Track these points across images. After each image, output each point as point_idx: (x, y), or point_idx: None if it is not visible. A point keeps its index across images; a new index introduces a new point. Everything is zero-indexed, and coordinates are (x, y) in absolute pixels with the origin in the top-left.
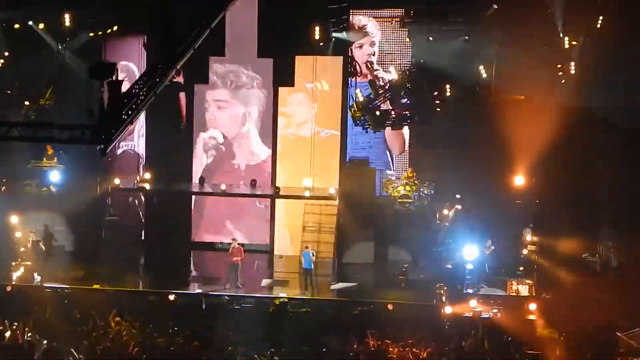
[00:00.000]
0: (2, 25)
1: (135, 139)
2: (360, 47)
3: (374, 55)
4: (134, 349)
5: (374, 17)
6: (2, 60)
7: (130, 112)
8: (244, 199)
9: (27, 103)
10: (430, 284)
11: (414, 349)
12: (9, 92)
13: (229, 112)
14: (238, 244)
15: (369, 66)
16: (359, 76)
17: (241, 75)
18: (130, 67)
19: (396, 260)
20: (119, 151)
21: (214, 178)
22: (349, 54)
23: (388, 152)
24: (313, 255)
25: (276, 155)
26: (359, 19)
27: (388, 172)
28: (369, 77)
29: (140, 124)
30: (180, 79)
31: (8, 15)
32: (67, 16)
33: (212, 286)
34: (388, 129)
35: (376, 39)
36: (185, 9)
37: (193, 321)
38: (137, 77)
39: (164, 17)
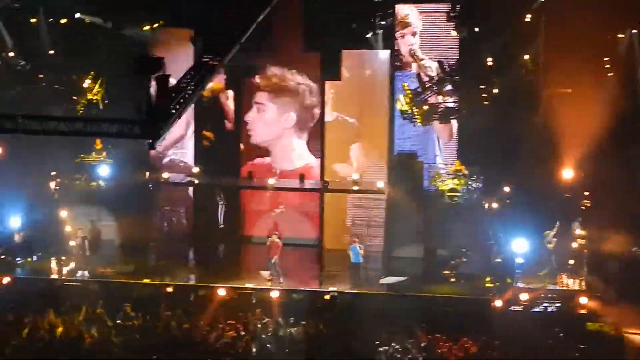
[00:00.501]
0: (50, 19)
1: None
2: (402, 36)
3: (415, 45)
4: (183, 343)
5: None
6: (51, 52)
7: (178, 107)
8: (292, 194)
9: (75, 98)
10: (480, 278)
11: (464, 344)
12: (57, 87)
13: (267, 115)
14: (278, 239)
15: (414, 56)
16: (405, 69)
17: (286, 79)
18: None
19: (445, 254)
20: (166, 160)
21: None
22: (395, 47)
23: (437, 140)
24: (361, 249)
25: (324, 150)
26: (401, 7)
27: (436, 164)
28: (415, 67)
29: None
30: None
31: (56, 10)
32: (114, 11)
33: (257, 280)
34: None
35: (417, 29)
36: (232, 4)
37: (242, 315)
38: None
39: (210, 12)
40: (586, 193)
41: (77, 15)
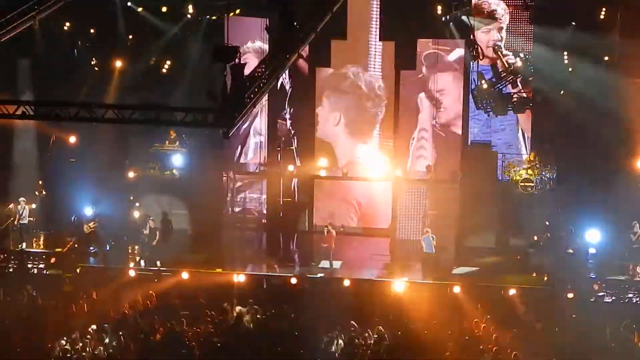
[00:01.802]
0: (125, 10)
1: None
2: (488, 32)
3: (501, 41)
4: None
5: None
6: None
7: (252, 96)
8: (365, 183)
9: (150, 87)
10: (553, 269)
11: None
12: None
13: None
14: (332, 229)
15: (497, 51)
16: (481, 59)
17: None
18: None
19: (518, 244)
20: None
21: None
22: (472, 37)
23: (521, 134)
24: (433, 240)
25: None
26: (488, 2)
27: (518, 155)
28: (497, 61)
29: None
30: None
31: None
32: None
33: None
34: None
35: (504, 24)
36: None
37: (314, 304)
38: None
39: (284, 1)
40: None
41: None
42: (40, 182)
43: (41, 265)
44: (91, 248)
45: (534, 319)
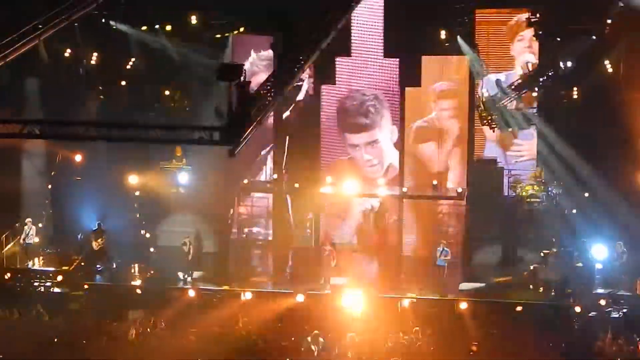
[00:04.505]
0: (131, 28)
1: None
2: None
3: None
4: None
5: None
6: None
7: (258, 113)
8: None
9: (156, 105)
10: (560, 284)
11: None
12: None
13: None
14: (331, 246)
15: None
16: (485, 75)
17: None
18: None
19: (524, 259)
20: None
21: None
22: (476, 53)
23: None
24: (447, 254)
25: (404, 156)
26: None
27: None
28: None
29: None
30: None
31: (136, 19)
32: (193, 19)
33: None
34: None
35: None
36: (311, 10)
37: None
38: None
39: (289, 18)
40: None
41: (157, 26)
42: (46, 201)
43: (48, 283)
44: (98, 266)
45: (540, 333)
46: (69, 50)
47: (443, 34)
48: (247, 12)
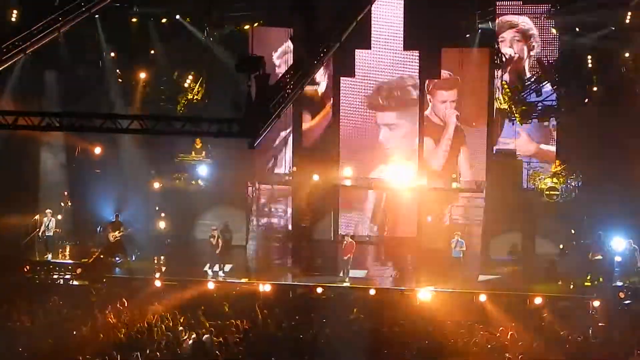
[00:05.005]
0: (151, 20)
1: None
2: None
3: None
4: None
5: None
6: (152, 52)
7: (277, 106)
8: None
9: (176, 98)
10: (579, 277)
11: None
12: (162, 87)
13: (399, 133)
14: (351, 239)
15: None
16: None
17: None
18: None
19: (544, 252)
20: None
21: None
22: (496, 46)
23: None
24: (462, 245)
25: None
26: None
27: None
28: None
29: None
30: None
31: (156, 10)
32: (213, 11)
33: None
34: None
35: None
36: (331, 2)
37: (340, 314)
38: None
39: (308, 11)
40: None
41: (177, 16)
42: (65, 193)
43: (67, 276)
44: (117, 258)
45: (560, 327)
46: (88, 43)
47: (464, 26)
48: (267, 4)
